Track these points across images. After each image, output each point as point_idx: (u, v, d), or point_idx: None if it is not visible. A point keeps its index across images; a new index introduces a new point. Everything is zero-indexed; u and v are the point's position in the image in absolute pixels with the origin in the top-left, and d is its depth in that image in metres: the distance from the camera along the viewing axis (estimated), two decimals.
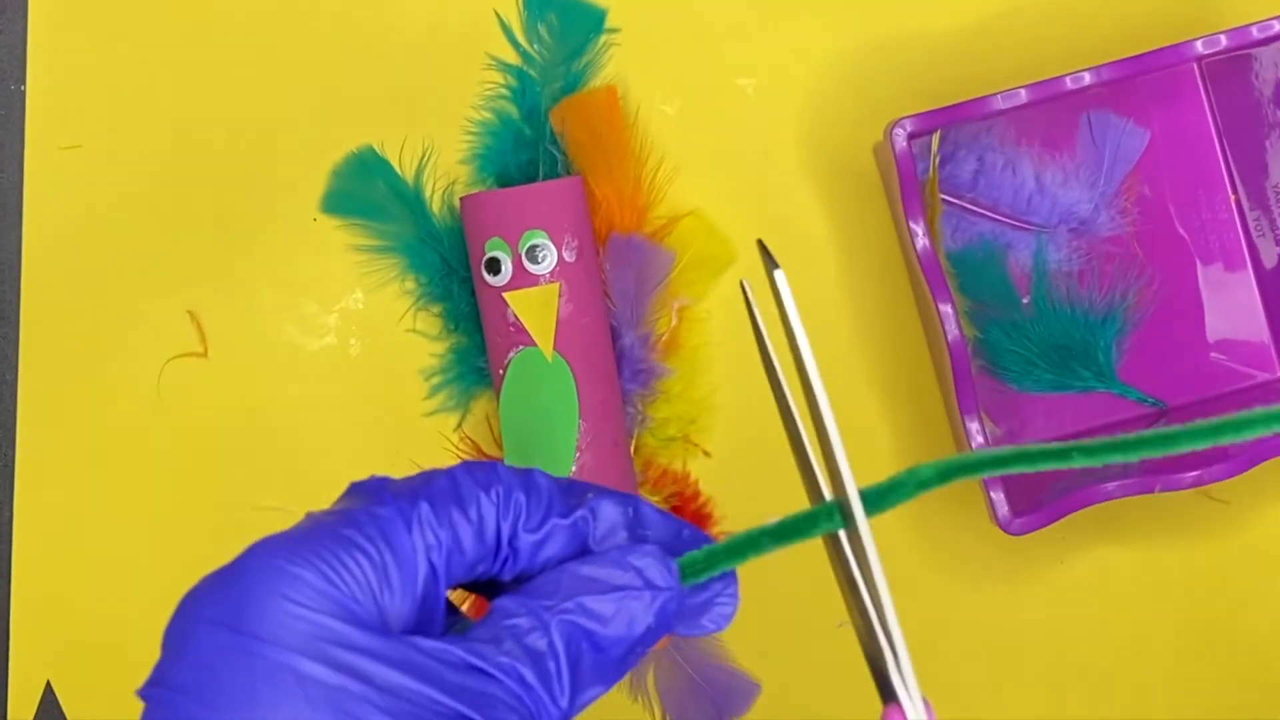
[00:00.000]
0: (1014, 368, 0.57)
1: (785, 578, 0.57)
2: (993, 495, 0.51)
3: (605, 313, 0.55)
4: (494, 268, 0.53)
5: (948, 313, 0.52)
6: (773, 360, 0.34)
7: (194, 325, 0.59)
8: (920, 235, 0.51)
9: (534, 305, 0.53)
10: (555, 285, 0.53)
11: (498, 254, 0.53)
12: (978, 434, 0.52)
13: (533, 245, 0.52)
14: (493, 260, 0.53)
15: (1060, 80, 0.51)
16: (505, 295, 0.53)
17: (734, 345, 0.58)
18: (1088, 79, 0.51)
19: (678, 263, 0.56)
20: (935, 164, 0.55)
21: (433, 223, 0.57)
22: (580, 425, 0.53)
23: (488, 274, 0.53)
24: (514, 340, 0.53)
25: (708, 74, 0.58)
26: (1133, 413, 0.57)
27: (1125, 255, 0.58)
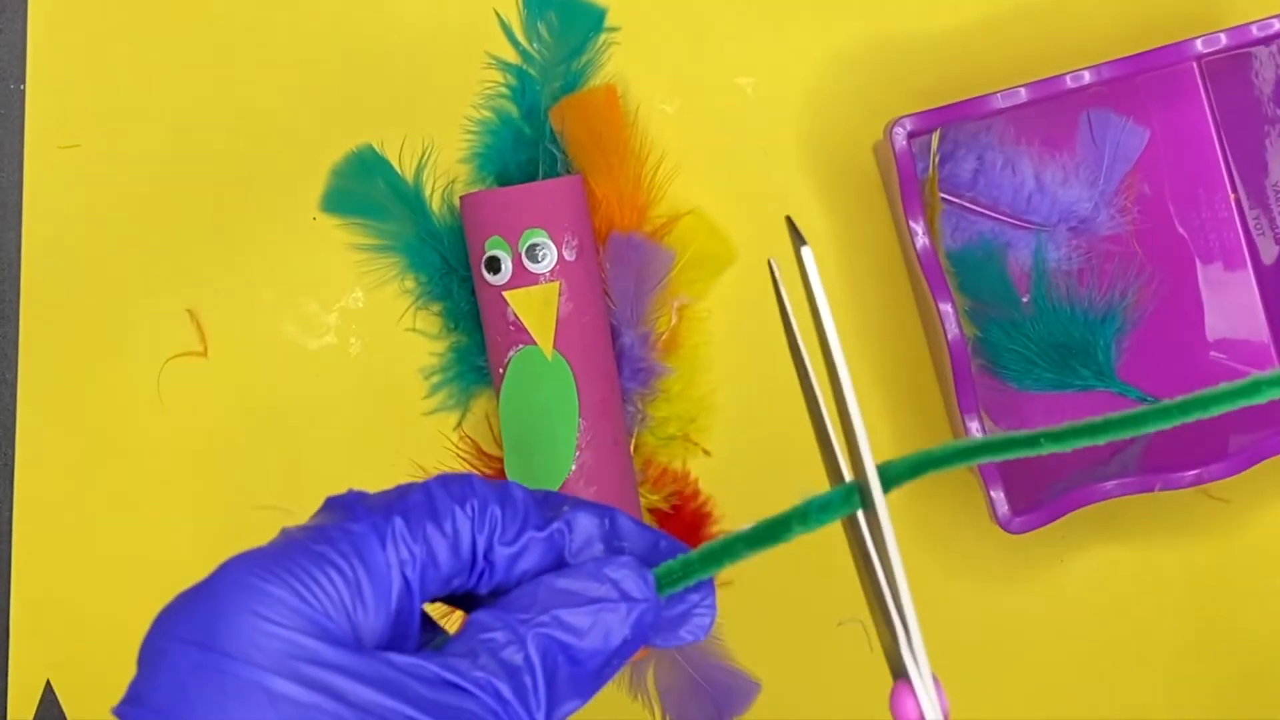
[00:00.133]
0: (1014, 367, 0.57)
1: (785, 577, 0.57)
2: (992, 494, 0.51)
3: (605, 311, 0.55)
4: (494, 266, 0.53)
5: (947, 312, 0.52)
6: (797, 338, 0.34)
7: (194, 324, 0.59)
8: (920, 234, 0.51)
9: (534, 304, 0.53)
10: (555, 284, 0.53)
11: (498, 253, 0.53)
12: (977, 433, 0.52)
13: (533, 244, 0.52)
14: (493, 259, 0.53)
15: (1060, 79, 0.51)
16: (505, 294, 0.53)
17: (734, 344, 0.58)
18: (1087, 78, 0.51)
19: (677, 262, 0.56)
20: (935, 163, 0.55)
21: (432, 222, 0.57)
22: (580, 424, 0.53)
23: (488, 273, 0.53)
24: (514, 339, 0.53)
25: (707, 73, 0.58)
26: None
27: (1125, 254, 0.58)
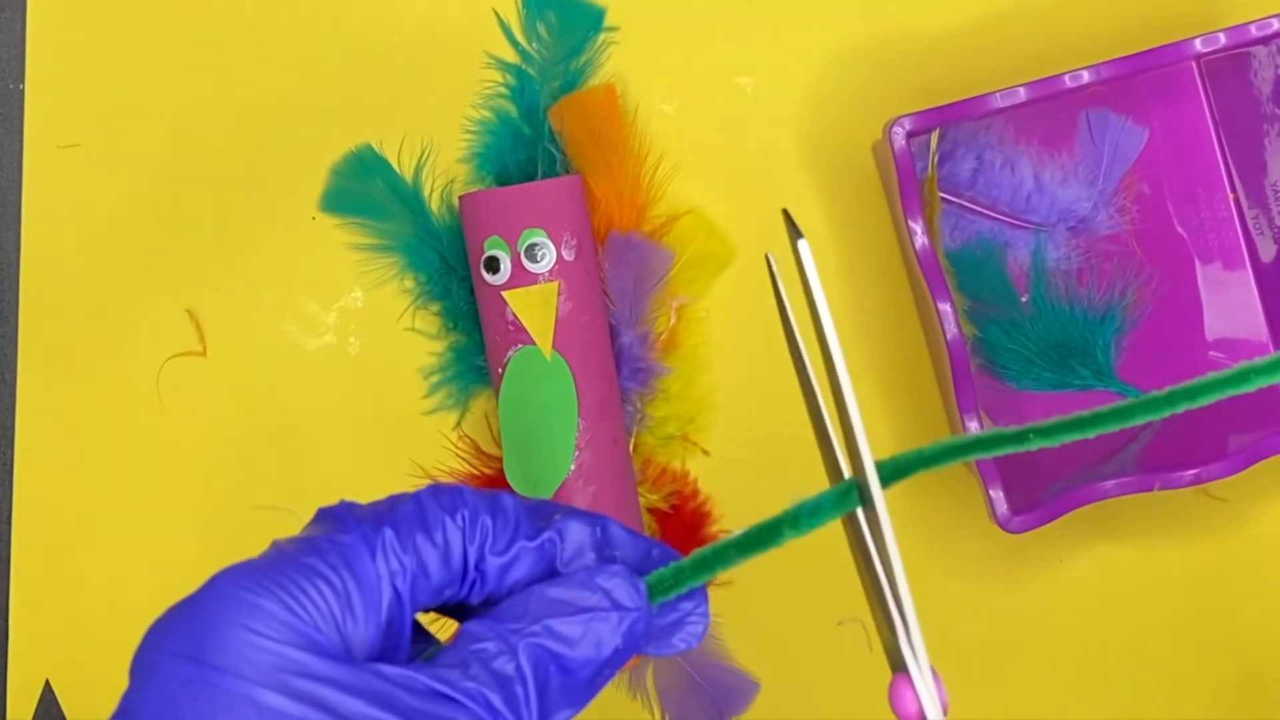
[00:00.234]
0: (1013, 366, 0.57)
1: (785, 577, 0.57)
2: (991, 493, 0.51)
3: (604, 311, 0.55)
4: (493, 266, 0.53)
5: (947, 311, 0.52)
6: (795, 332, 0.34)
7: (193, 324, 0.59)
8: (919, 234, 0.51)
9: (533, 304, 0.53)
10: (554, 284, 0.53)
11: (497, 252, 0.53)
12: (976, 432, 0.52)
13: (531, 244, 0.52)
14: (492, 259, 0.53)
15: (1059, 79, 0.51)
16: (504, 294, 0.53)
17: (733, 344, 0.58)
18: (1086, 77, 0.51)
19: (676, 261, 0.56)
20: (934, 162, 0.55)
21: (431, 221, 0.57)
22: (579, 424, 0.53)
23: (487, 272, 0.53)
24: (513, 339, 0.53)
25: (707, 73, 0.58)
26: None
27: (1124, 254, 0.58)
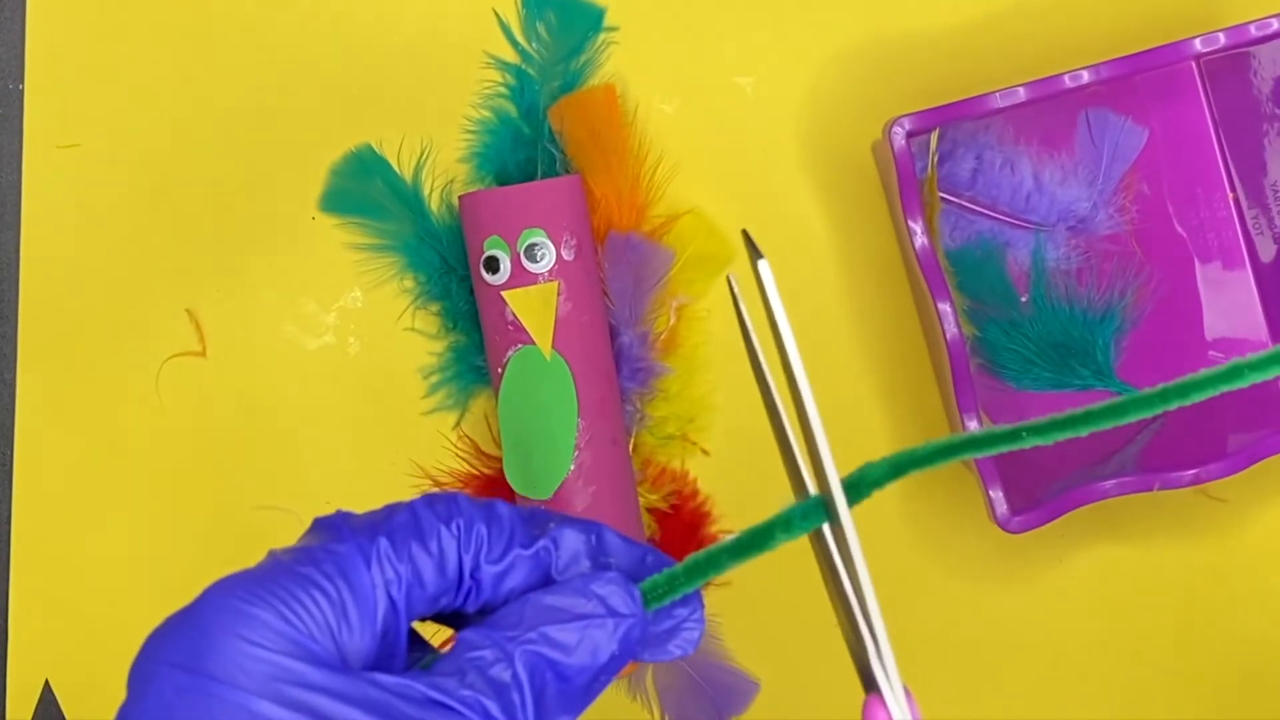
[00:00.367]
0: (1013, 366, 0.57)
1: (785, 578, 0.57)
2: (991, 493, 0.51)
3: (604, 311, 0.55)
4: (492, 266, 0.53)
5: (946, 311, 0.52)
6: (758, 354, 0.34)
7: (192, 324, 0.59)
8: (919, 234, 0.51)
9: (532, 304, 0.53)
10: (554, 284, 0.53)
11: (496, 252, 0.53)
12: None
13: (531, 244, 0.52)
14: (491, 259, 0.53)
15: (1059, 78, 0.51)
16: (504, 294, 0.53)
17: (733, 344, 0.57)
18: (1086, 77, 0.51)
19: (676, 261, 0.56)
20: (934, 162, 0.55)
21: (431, 221, 0.57)
22: (579, 424, 0.53)
23: (486, 272, 0.53)
24: (512, 339, 0.53)
25: (707, 72, 0.58)
26: None
27: (1124, 253, 0.58)
